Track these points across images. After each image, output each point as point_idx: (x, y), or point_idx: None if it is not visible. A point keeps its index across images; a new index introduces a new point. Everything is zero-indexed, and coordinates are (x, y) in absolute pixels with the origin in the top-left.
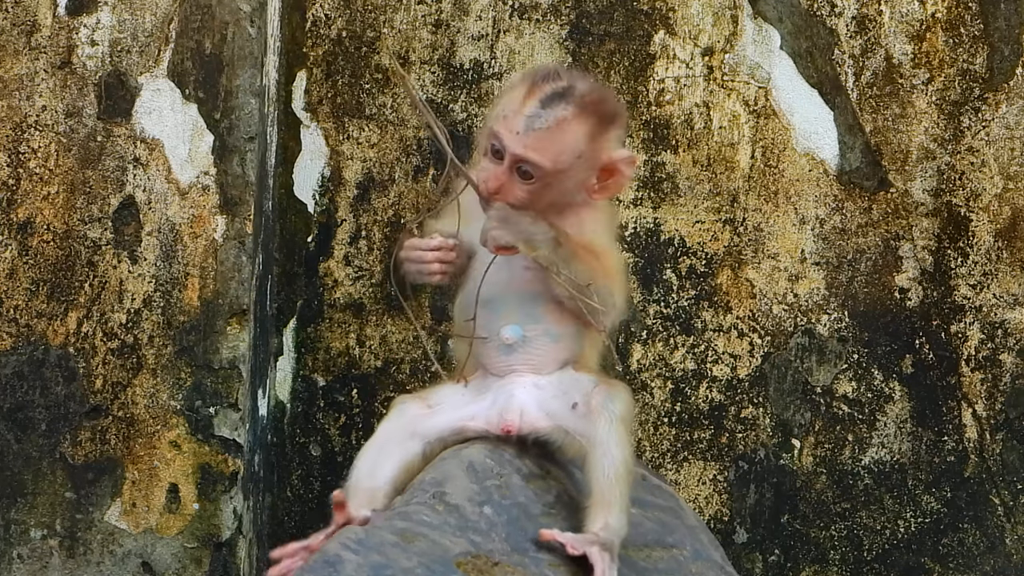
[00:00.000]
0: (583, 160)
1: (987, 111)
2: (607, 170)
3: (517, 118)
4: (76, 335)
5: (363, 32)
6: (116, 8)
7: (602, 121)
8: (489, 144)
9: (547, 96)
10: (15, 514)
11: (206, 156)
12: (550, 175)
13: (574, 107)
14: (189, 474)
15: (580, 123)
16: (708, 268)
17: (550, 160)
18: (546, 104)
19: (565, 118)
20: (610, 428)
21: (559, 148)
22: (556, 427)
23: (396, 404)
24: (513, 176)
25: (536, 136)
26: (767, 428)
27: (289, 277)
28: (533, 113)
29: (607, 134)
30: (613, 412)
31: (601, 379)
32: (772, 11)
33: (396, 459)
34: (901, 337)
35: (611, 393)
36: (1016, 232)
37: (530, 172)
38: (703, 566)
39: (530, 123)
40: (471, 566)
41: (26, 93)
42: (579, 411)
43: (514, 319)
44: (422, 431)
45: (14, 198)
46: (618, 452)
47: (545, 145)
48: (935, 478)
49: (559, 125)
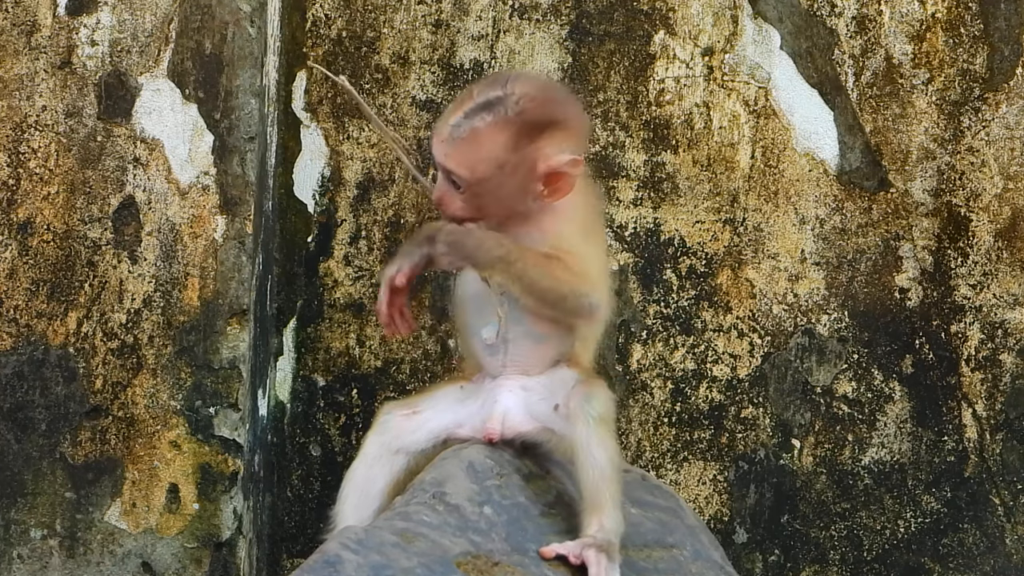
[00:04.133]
0: (509, 169)
1: (987, 111)
2: (552, 176)
3: (444, 126)
4: (76, 335)
5: (363, 32)
6: (116, 8)
7: (529, 130)
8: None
9: (474, 106)
10: (15, 514)
11: (206, 156)
12: (474, 184)
13: (494, 117)
14: (189, 474)
15: (498, 133)
16: (708, 268)
17: (467, 170)
18: (469, 114)
19: (481, 128)
20: (589, 430)
21: (476, 158)
22: (542, 429)
23: (381, 416)
24: (449, 185)
25: (455, 145)
26: (767, 428)
27: (289, 277)
28: (455, 123)
29: (536, 142)
30: (590, 413)
31: (582, 377)
32: (772, 11)
33: (384, 479)
34: (901, 337)
35: (588, 393)
36: (1016, 232)
37: (456, 182)
38: (703, 566)
39: (452, 132)
40: (471, 566)
41: (26, 93)
42: (561, 412)
43: (494, 319)
44: (406, 445)
45: (14, 198)
46: (601, 453)
47: (463, 155)
48: (935, 478)
49: (474, 135)
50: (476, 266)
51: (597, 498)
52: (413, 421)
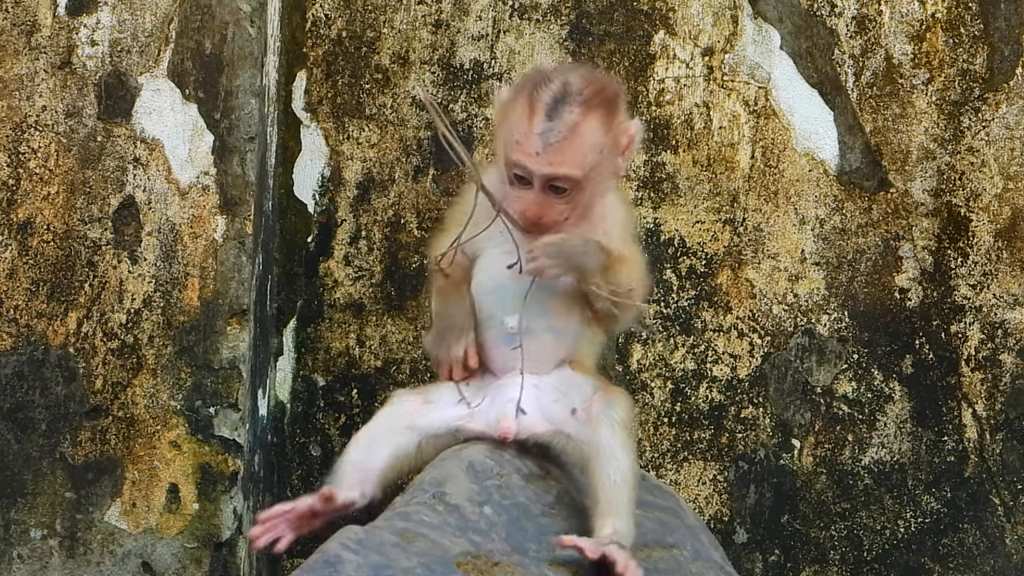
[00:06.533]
0: (606, 150)
1: (987, 111)
2: (628, 145)
3: (531, 139)
4: (76, 335)
5: (363, 32)
6: (116, 8)
7: (609, 106)
8: (512, 174)
9: (549, 105)
10: (15, 514)
11: (206, 156)
12: (584, 180)
13: (580, 107)
14: (189, 474)
15: (590, 120)
16: (708, 268)
17: (579, 167)
18: (552, 114)
19: (576, 122)
20: (613, 434)
21: (582, 152)
22: (556, 432)
23: (394, 397)
24: (547, 196)
25: (556, 150)
26: (767, 428)
27: (289, 277)
28: (544, 129)
29: (618, 115)
30: (614, 418)
31: (600, 384)
32: (772, 11)
33: (389, 449)
34: (901, 337)
35: (611, 399)
36: (1016, 232)
37: (562, 186)
38: (703, 566)
39: (546, 139)
40: (471, 566)
41: (26, 93)
42: (579, 417)
43: (519, 310)
44: (419, 425)
45: (14, 198)
46: (624, 457)
47: (568, 154)
48: (935, 478)
49: (573, 131)
50: (583, 273)
51: (615, 502)
52: (425, 407)
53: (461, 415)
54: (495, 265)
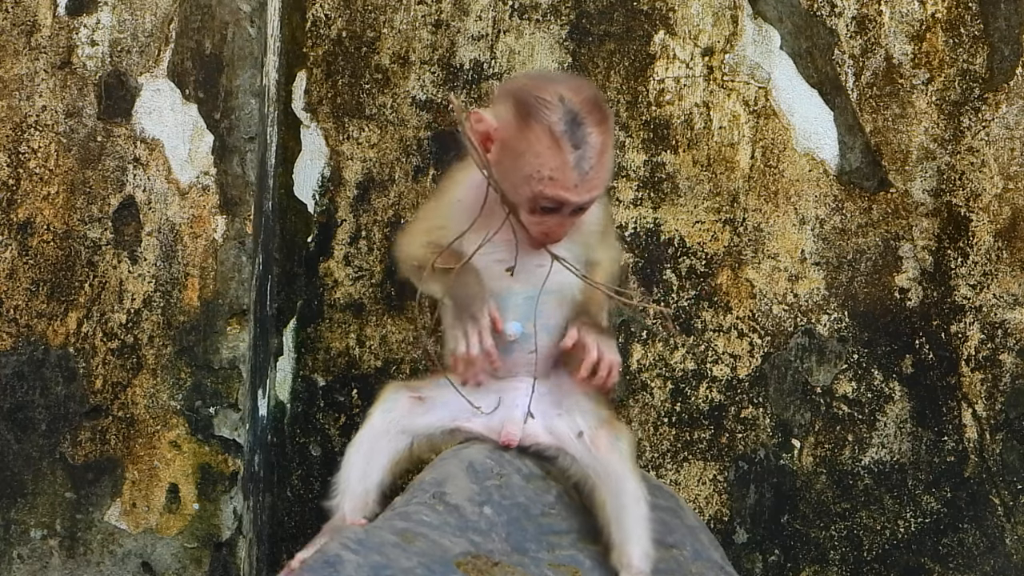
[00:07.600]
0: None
1: (987, 111)
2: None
3: (567, 173)
4: (76, 335)
5: (363, 32)
6: (116, 8)
7: (605, 110)
8: (538, 204)
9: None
10: (15, 514)
11: (206, 156)
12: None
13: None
14: (189, 474)
15: (606, 133)
16: (708, 268)
17: (605, 183)
18: (576, 141)
19: (600, 141)
20: (624, 464)
21: (607, 168)
22: (560, 448)
23: (387, 393)
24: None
25: (591, 176)
26: (767, 428)
27: (289, 277)
28: (576, 159)
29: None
30: (623, 450)
31: (603, 414)
32: (772, 11)
33: (386, 458)
34: (901, 337)
35: (617, 433)
36: (1016, 232)
37: (584, 207)
38: (703, 566)
39: (581, 170)
40: (471, 566)
41: (26, 93)
42: (586, 443)
43: (518, 316)
44: (412, 427)
45: (14, 198)
46: (639, 489)
47: (600, 176)
48: (935, 478)
49: (600, 154)
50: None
51: (638, 528)
52: (421, 405)
53: (459, 415)
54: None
